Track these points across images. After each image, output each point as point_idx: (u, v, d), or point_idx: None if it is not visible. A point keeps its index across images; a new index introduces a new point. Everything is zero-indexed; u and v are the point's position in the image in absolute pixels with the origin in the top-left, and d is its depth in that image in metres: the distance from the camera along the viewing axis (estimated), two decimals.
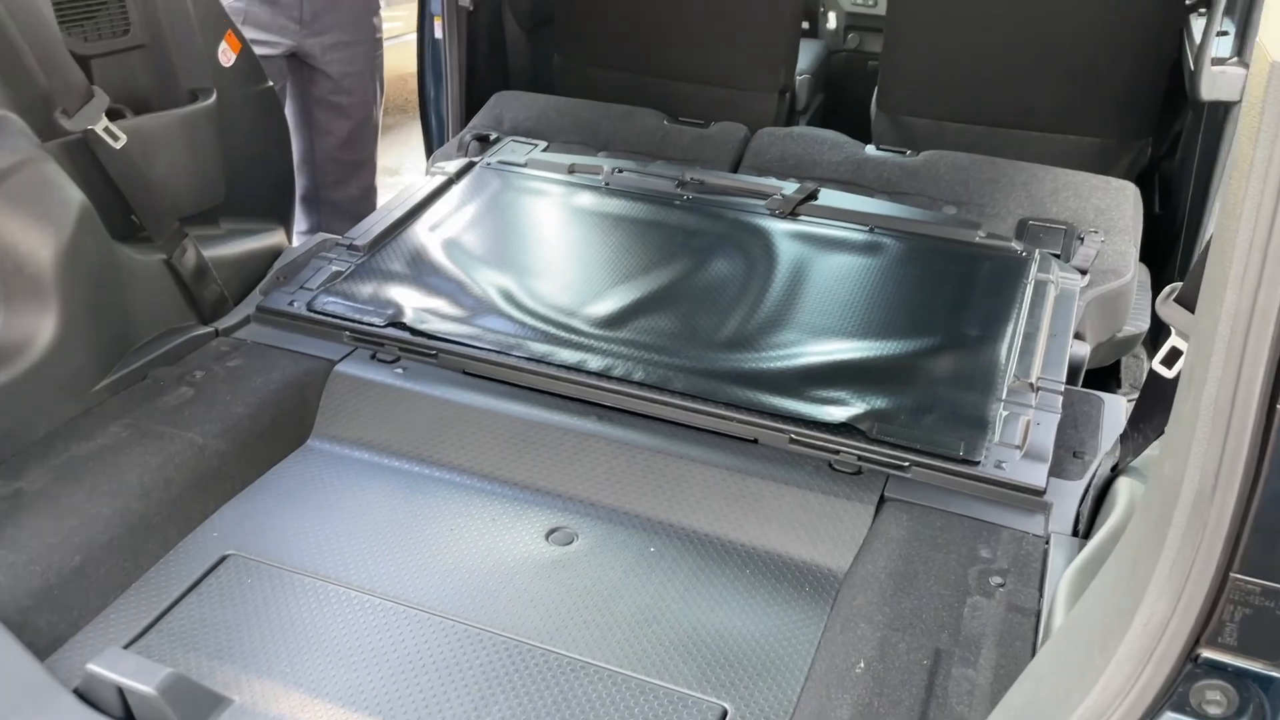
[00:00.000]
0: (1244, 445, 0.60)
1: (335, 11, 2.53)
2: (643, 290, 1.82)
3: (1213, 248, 0.68)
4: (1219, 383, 0.60)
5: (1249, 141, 0.59)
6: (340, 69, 2.60)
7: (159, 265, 1.65)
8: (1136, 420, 1.23)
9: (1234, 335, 0.59)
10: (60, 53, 1.47)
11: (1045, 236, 2.02)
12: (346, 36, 2.57)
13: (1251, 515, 0.62)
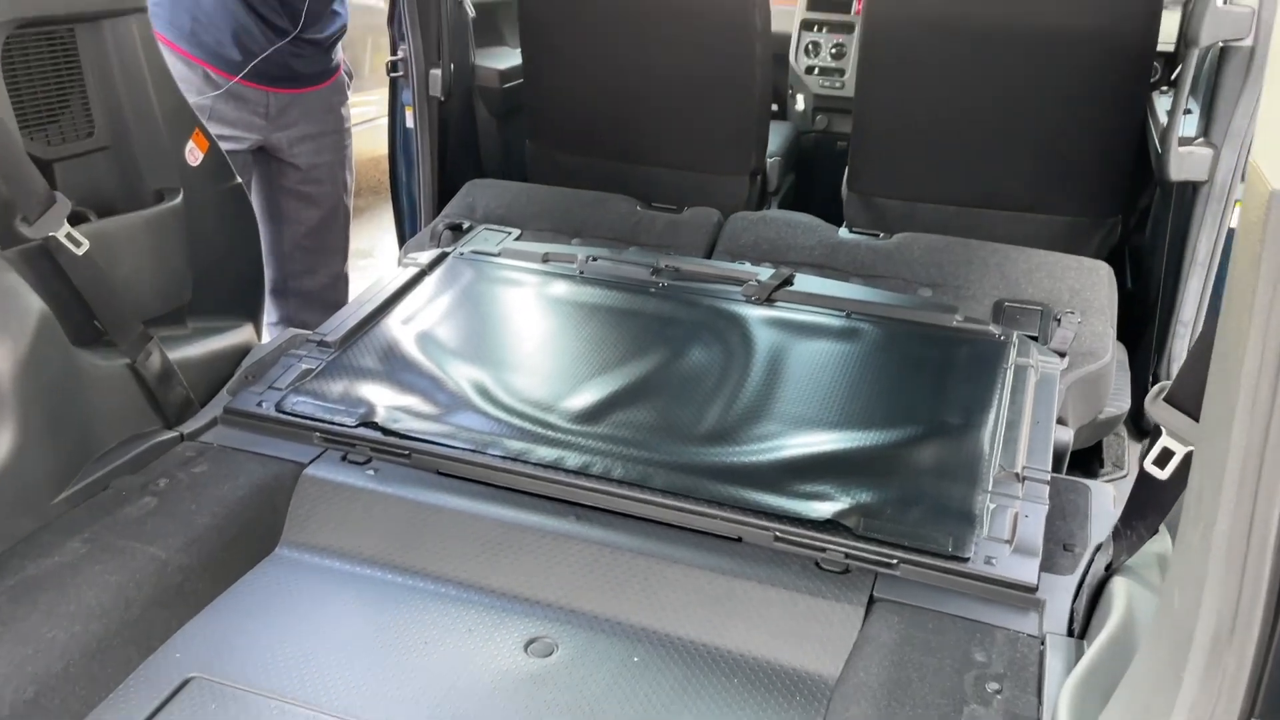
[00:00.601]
0: (1262, 587, 0.57)
1: (302, 105, 2.52)
2: (620, 382, 1.79)
3: (1214, 372, 0.66)
4: (1232, 518, 0.57)
5: (1249, 267, 0.57)
6: (308, 160, 2.58)
7: (122, 370, 1.60)
8: (1129, 518, 1.20)
9: (1245, 470, 0.56)
10: (21, 159, 1.44)
11: (1022, 318, 2.02)
12: (313, 128, 2.56)
13: (1272, 660, 0.59)
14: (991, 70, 2.34)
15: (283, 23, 2.36)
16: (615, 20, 2.56)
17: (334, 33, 2.52)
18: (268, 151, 2.53)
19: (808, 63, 3.17)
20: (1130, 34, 2.22)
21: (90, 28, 1.60)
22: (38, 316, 1.41)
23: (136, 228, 1.65)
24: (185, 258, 1.75)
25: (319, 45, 2.46)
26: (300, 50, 2.41)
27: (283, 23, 2.36)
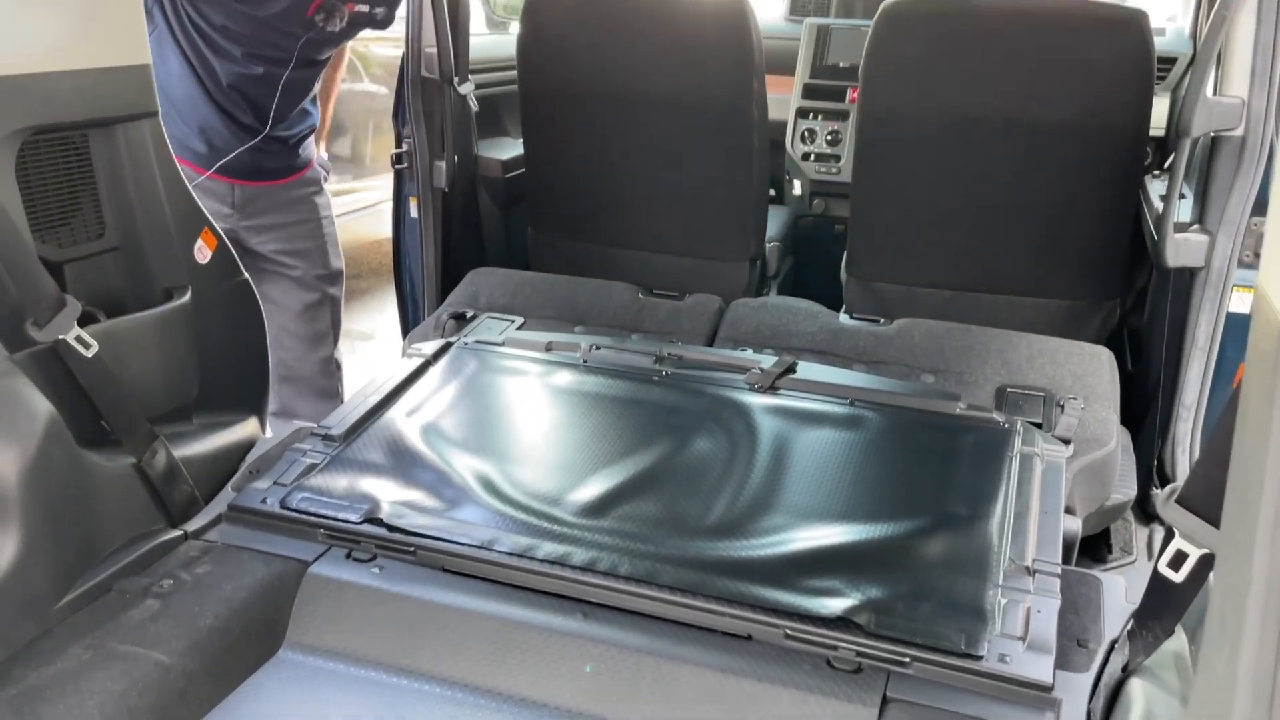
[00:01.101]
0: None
1: (269, 197, 2.52)
2: (625, 474, 1.79)
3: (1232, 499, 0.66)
4: (1257, 653, 0.57)
5: (1262, 399, 0.58)
6: (279, 247, 2.57)
7: (128, 470, 1.60)
8: (1144, 619, 1.19)
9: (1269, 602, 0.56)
10: (32, 263, 1.46)
11: (1025, 404, 2.02)
12: (283, 218, 2.56)
13: None
14: (986, 158, 2.39)
15: (249, 120, 2.38)
16: (615, 111, 2.62)
17: (301, 131, 2.53)
18: (239, 241, 2.52)
19: (804, 149, 3.22)
20: (1122, 121, 2.26)
21: (104, 132, 1.63)
22: (46, 420, 1.41)
23: (145, 327, 1.66)
24: (193, 355, 1.76)
25: (285, 142, 2.48)
26: (266, 147, 2.42)
27: (249, 120, 2.38)
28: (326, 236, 2.66)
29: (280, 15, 2.23)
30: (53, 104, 1.52)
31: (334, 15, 2.30)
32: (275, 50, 2.30)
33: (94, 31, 1.58)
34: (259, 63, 2.30)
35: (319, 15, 2.28)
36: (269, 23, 2.23)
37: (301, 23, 2.27)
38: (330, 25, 2.31)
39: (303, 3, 2.25)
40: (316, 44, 2.36)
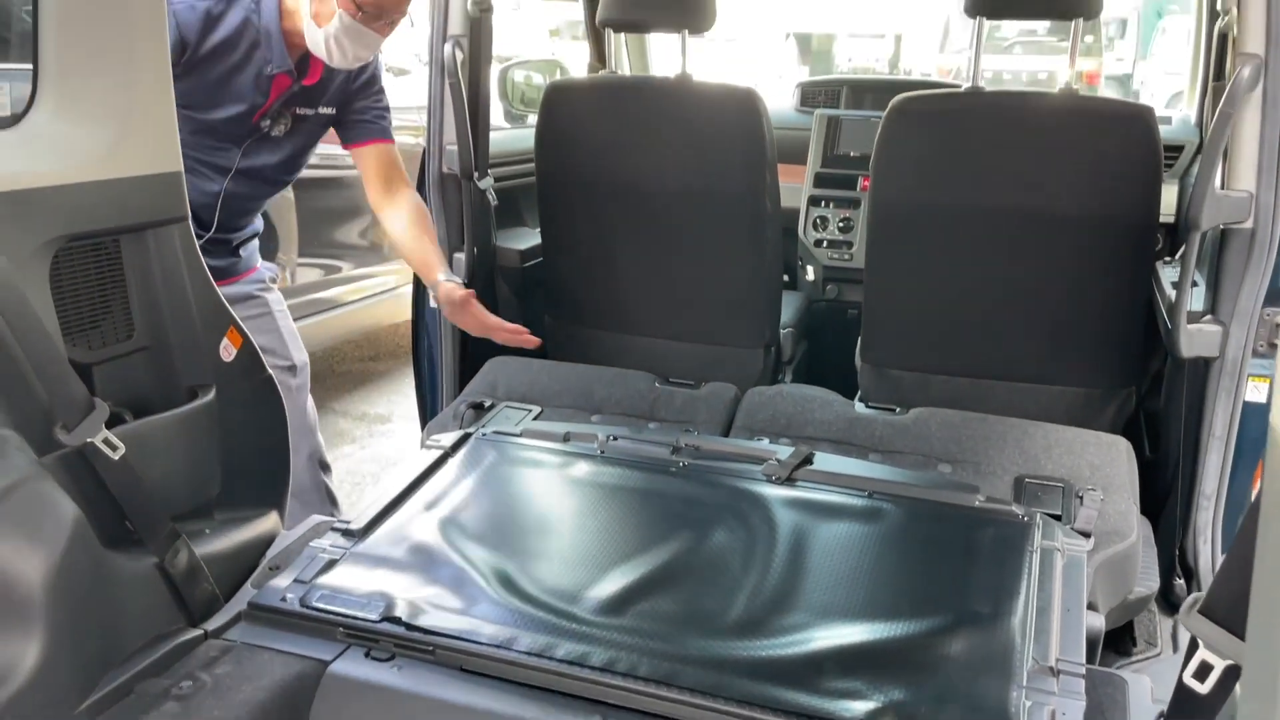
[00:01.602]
0: None
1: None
2: (643, 569, 1.79)
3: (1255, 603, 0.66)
4: None
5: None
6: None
7: (150, 569, 1.61)
8: None
9: None
10: (63, 368, 1.49)
11: (1044, 496, 2.02)
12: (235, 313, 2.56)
13: None
14: (997, 247, 2.42)
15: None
16: (630, 202, 2.67)
17: (244, 236, 2.55)
18: None
19: (816, 236, 3.27)
20: (1131, 212, 2.29)
21: (135, 237, 1.67)
22: (72, 523, 1.43)
23: (171, 427, 1.68)
24: (216, 453, 1.78)
25: (228, 244, 2.49)
26: (210, 248, 2.37)
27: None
28: (282, 329, 2.61)
29: (227, 122, 2.30)
30: (88, 213, 1.57)
31: (279, 121, 2.37)
32: (217, 158, 2.34)
33: (131, 141, 1.64)
34: (201, 167, 2.33)
35: (264, 121, 2.35)
36: (215, 129, 2.30)
37: (248, 129, 2.34)
38: (275, 130, 2.37)
39: (250, 111, 2.31)
40: (258, 150, 2.40)
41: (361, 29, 2.23)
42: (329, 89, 2.46)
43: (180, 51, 2.18)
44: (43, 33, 1.54)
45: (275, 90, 2.33)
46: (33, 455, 1.44)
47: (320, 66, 2.39)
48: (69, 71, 1.56)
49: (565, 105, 2.66)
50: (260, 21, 2.27)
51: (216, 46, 2.24)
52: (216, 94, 2.28)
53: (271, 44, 2.27)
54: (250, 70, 2.29)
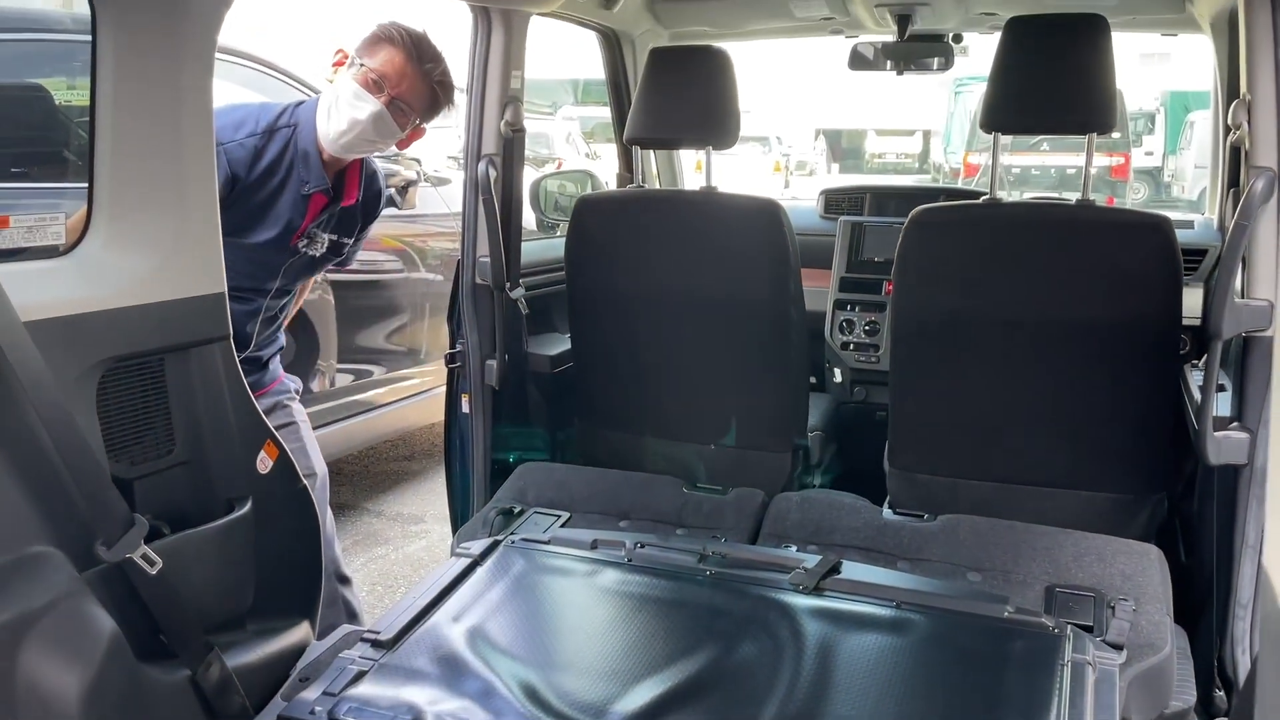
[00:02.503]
0: None
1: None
2: (669, 683, 1.78)
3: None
4: None
5: None
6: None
7: (183, 682, 1.64)
8: None
9: None
10: (105, 485, 1.54)
11: (1075, 606, 2.00)
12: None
13: None
14: (1021, 354, 2.44)
15: None
16: (657, 309, 2.72)
17: (272, 352, 2.63)
18: None
19: (842, 339, 3.30)
20: (1154, 320, 2.31)
21: (178, 356, 1.74)
22: (109, 639, 1.46)
23: (207, 541, 1.73)
24: (251, 565, 1.81)
25: (258, 361, 2.56)
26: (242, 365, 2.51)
27: None
28: (305, 440, 2.66)
29: (267, 244, 2.39)
30: (135, 334, 1.64)
31: (315, 242, 2.46)
32: (257, 281, 2.43)
33: (177, 265, 1.72)
34: (241, 292, 2.39)
35: (302, 242, 2.44)
36: (255, 252, 2.38)
37: (286, 251, 2.43)
38: (311, 250, 2.46)
39: (289, 232, 2.40)
40: (294, 272, 2.50)
41: (360, 90, 2.29)
42: (358, 217, 2.56)
43: (230, 186, 2.29)
44: (98, 166, 1.64)
45: (312, 210, 2.42)
46: (73, 571, 1.49)
47: (355, 188, 2.48)
48: (122, 203, 1.65)
49: (594, 218, 2.74)
50: (298, 144, 2.37)
51: (260, 174, 2.35)
52: (258, 218, 2.38)
53: (309, 164, 2.37)
54: (290, 192, 2.39)
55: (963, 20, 3.26)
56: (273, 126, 2.37)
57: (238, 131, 2.33)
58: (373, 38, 2.34)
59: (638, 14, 3.36)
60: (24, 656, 1.38)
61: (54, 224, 1.60)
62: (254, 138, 2.34)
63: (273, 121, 2.38)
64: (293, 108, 2.42)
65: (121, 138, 1.62)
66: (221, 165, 2.25)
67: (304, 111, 2.40)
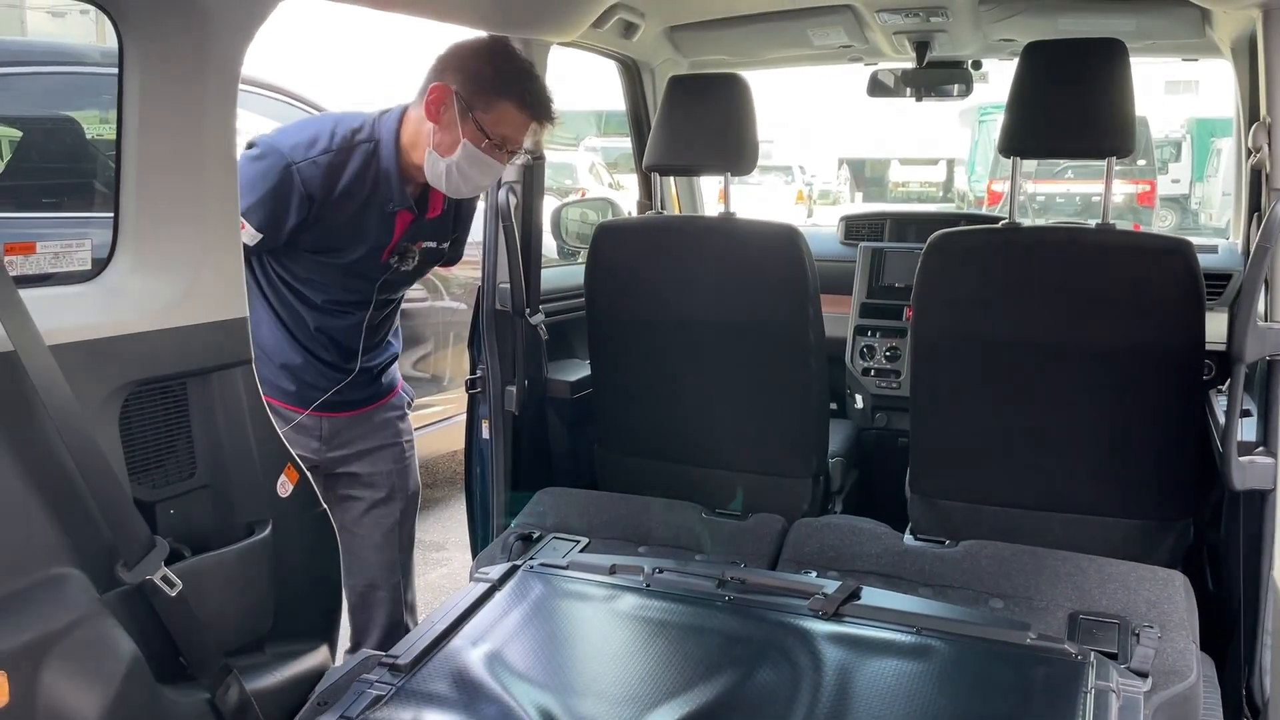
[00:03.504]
0: None
1: (356, 425, 2.61)
2: (686, 709, 1.77)
3: None
4: None
5: None
6: (366, 470, 2.64)
7: (202, 705, 1.64)
8: None
9: None
10: (127, 509, 1.56)
11: (1099, 633, 1.97)
12: (369, 444, 2.64)
13: None
14: (1042, 379, 2.42)
15: (333, 358, 2.48)
16: (676, 336, 2.73)
17: (384, 360, 2.65)
18: (322, 469, 2.58)
19: (863, 365, 3.30)
20: (1177, 344, 2.29)
21: (200, 380, 1.77)
22: (129, 660, 1.47)
23: (227, 564, 1.74)
24: (270, 589, 1.82)
25: (370, 372, 2.59)
26: (353, 379, 2.53)
27: (333, 358, 2.48)
28: (408, 460, 2.72)
29: (358, 262, 2.40)
30: (158, 359, 1.66)
31: (406, 256, 2.47)
32: (355, 294, 2.45)
33: (200, 290, 1.75)
34: (341, 306, 2.45)
35: (393, 258, 2.45)
36: (348, 270, 2.41)
37: (378, 267, 2.44)
38: (404, 265, 2.48)
39: (378, 249, 2.41)
40: (393, 284, 2.52)
41: (484, 158, 2.29)
42: (449, 221, 2.57)
43: (309, 205, 2.29)
44: (124, 193, 1.67)
45: (399, 227, 2.43)
46: (94, 593, 1.50)
47: (440, 200, 2.49)
48: (146, 229, 1.68)
49: (613, 245, 2.76)
50: (380, 163, 2.36)
51: (341, 194, 2.33)
52: (345, 237, 2.38)
53: (392, 183, 2.36)
54: (374, 211, 2.38)
55: (981, 46, 3.27)
56: (351, 142, 2.34)
57: (311, 150, 2.30)
58: (490, 85, 2.27)
59: (657, 43, 3.39)
60: (45, 676, 1.40)
61: (80, 250, 1.63)
62: (328, 154, 2.31)
63: (350, 136, 2.34)
64: (372, 121, 2.38)
65: (146, 165, 1.66)
66: (295, 185, 2.26)
67: (385, 127, 2.37)
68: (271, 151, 2.29)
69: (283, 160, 2.27)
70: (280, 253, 2.37)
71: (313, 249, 2.35)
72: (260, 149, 2.31)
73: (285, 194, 2.27)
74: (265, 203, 2.26)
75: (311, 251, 2.36)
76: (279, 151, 2.28)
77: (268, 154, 2.29)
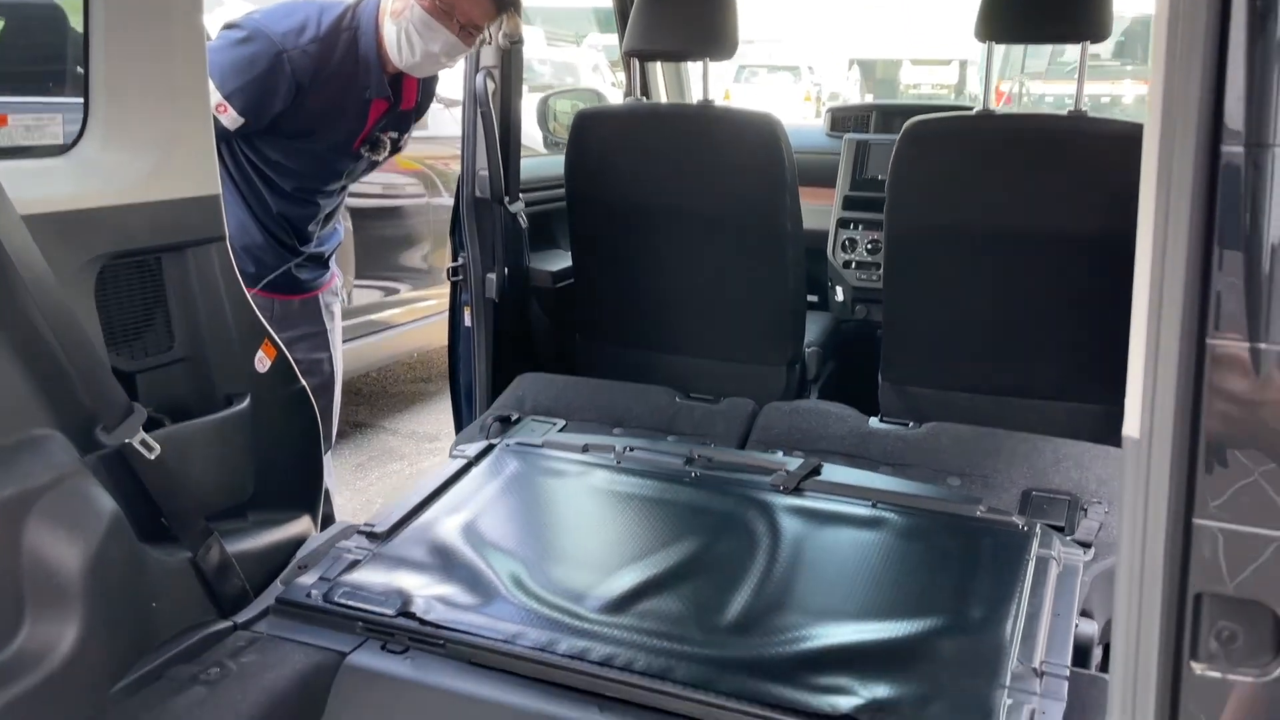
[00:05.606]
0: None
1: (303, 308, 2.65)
2: (649, 572, 1.86)
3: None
4: None
5: None
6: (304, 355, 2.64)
7: (184, 564, 1.73)
8: None
9: None
10: (105, 375, 1.62)
11: (1049, 508, 2.05)
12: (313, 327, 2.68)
13: None
14: (1014, 266, 2.45)
15: (291, 241, 2.54)
16: (656, 224, 2.76)
17: (332, 248, 2.71)
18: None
19: (845, 257, 3.32)
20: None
21: (175, 255, 1.81)
22: (109, 517, 1.55)
23: (206, 432, 1.81)
24: (249, 458, 1.90)
25: (319, 258, 2.65)
26: (303, 263, 2.59)
27: (291, 241, 2.54)
28: (333, 347, 2.76)
29: (332, 149, 2.43)
30: (131, 232, 1.71)
31: (377, 146, 2.51)
32: (322, 181, 2.49)
33: (172, 166, 1.78)
34: (306, 193, 2.48)
35: (365, 147, 2.49)
36: (321, 156, 2.43)
37: (350, 154, 2.47)
38: (375, 155, 2.51)
39: (350, 137, 2.44)
40: (356, 172, 2.57)
41: (433, 23, 2.29)
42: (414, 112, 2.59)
43: (294, 94, 2.32)
44: (93, 68, 1.69)
45: (373, 115, 2.46)
46: (75, 454, 1.57)
47: (414, 92, 2.52)
48: (116, 104, 1.70)
49: (593, 132, 2.76)
50: (359, 51, 2.38)
51: (324, 81, 2.36)
52: (321, 123, 2.41)
53: (370, 70, 2.39)
54: (352, 98, 2.41)
55: None
56: (336, 29, 2.36)
57: (301, 37, 2.32)
58: None
59: None
60: (28, 530, 1.47)
61: (51, 124, 1.66)
62: (316, 44, 2.33)
63: (335, 25, 2.36)
64: (353, 9, 2.40)
65: (115, 38, 1.67)
66: (285, 73, 2.28)
67: (365, 14, 2.38)
68: (260, 36, 2.29)
69: (274, 47, 2.28)
70: (255, 137, 2.39)
71: (288, 134, 2.38)
72: (248, 32, 2.30)
73: (274, 81, 2.29)
74: (253, 88, 2.28)
75: (287, 136, 2.38)
76: (269, 38, 2.28)
77: (256, 38, 2.29)
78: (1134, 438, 0.77)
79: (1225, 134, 0.73)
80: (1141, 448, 0.77)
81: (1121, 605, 0.74)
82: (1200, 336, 0.75)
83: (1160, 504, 0.76)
